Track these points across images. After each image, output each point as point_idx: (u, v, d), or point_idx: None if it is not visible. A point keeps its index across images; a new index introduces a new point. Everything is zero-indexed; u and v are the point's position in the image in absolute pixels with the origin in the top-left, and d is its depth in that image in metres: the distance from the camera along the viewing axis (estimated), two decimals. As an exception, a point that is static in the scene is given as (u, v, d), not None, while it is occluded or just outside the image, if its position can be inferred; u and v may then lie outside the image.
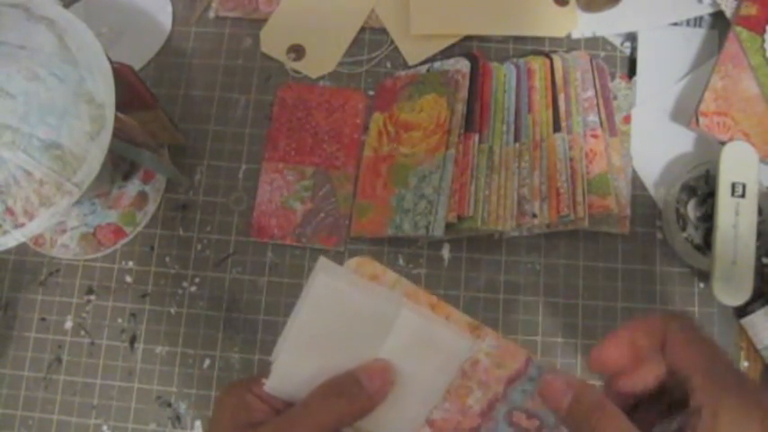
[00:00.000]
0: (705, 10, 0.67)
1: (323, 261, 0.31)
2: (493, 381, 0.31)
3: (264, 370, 0.31)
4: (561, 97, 0.62)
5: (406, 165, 0.62)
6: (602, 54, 0.68)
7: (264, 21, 0.70)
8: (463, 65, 0.64)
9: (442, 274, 0.63)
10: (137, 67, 0.66)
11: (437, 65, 0.66)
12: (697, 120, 0.61)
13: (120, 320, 0.64)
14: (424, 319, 0.31)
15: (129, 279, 0.65)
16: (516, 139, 0.62)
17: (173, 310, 0.64)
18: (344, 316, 0.31)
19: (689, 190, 0.61)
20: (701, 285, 0.62)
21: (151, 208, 0.66)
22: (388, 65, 0.69)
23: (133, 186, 0.65)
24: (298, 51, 0.69)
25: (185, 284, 0.64)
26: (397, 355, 0.31)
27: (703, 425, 0.25)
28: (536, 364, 0.31)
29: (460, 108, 0.62)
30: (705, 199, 0.61)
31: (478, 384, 0.31)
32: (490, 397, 0.31)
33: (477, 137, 0.61)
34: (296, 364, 0.31)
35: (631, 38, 0.68)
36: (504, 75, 0.64)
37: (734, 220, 0.58)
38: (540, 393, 0.30)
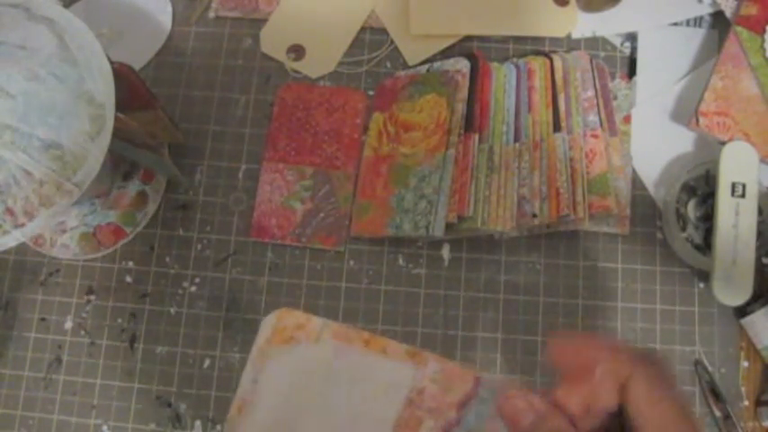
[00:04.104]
0: (705, 10, 0.67)
1: (273, 349, 0.30)
2: (444, 407, 0.30)
3: None
4: (561, 97, 0.62)
5: (406, 165, 0.62)
6: (602, 54, 0.67)
7: (264, 21, 0.70)
8: (463, 65, 0.64)
9: (441, 274, 0.63)
10: (137, 67, 0.66)
11: (437, 65, 0.66)
12: (697, 120, 0.61)
13: (120, 320, 0.64)
14: (359, 356, 0.30)
15: (129, 279, 0.65)
16: (516, 139, 0.62)
17: (173, 310, 0.64)
18: (299, 390, 0.30)
19: (689, 190, 0.61)
20: (701, 285, 0.62)
21: (151, 208, 0.66)
22: (388, 65, 0.69)
23: (133, 186, 0.65)
24: (298, 51, 0.69)
25: (185, 284, 0.64)
26: (339, 400, 0.30)
27: None
28: (486, 384, 0.30)
29: (460, 108, 0.62)
30: (705, 199, 0.61)
31: (429, 412, 0.30)
32: (443, 424, 0.30)
33: (476, 137, 0.61)
34: None
35: (631, 38, 0.68)
36: (504, 75, 0.64)
37: (734, 220, 0.58)
38: (498, 408, 0.29)
